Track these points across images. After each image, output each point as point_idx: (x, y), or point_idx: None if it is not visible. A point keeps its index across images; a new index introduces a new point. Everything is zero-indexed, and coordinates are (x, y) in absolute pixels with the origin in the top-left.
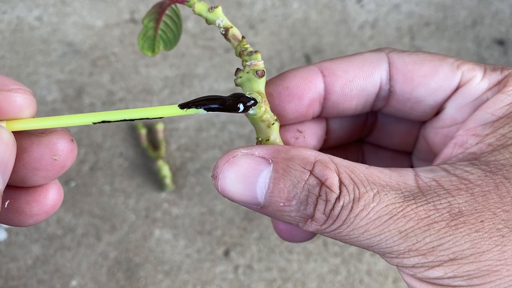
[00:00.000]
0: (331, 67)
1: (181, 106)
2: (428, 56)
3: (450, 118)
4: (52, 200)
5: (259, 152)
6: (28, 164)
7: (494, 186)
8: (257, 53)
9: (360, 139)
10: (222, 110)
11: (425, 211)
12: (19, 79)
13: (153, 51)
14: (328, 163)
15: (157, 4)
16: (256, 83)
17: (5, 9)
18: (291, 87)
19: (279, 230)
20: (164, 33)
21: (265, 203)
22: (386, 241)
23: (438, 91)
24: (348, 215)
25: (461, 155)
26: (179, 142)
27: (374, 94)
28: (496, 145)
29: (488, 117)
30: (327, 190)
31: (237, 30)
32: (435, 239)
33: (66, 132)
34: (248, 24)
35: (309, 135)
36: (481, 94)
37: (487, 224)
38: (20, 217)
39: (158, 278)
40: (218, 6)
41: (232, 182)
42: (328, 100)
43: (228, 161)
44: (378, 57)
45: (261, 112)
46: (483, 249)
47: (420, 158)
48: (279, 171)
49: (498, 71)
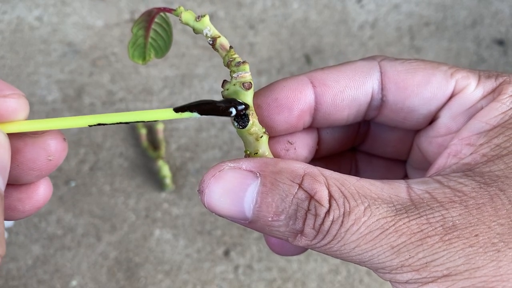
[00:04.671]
0: (321, 77)
1: (175, 109)
2: (421, 64)
3: (444, 127)
4: (43, 195)
5: (247, 166)
6: (23, 164)
7: (488, 199)
8: (245, 64)
9: (353, 148)
10: (215, 114)
11: (417, 225)
12: (19, 79)
13: (144, 59)
14: (317, 176)
15: (145, 12)
16: (243, 95)
17: (5, 9)
18: (280, 98)
19: (270, 244)
20: (155, 41)
21: (253, 218)
22: (378, 256)
23: (431, 100)
24: (338, 230)
25: (455, 166)
26: (179, 142)
27: (366, 104)
28: (491, 156)
29: (483, 126)
30: (316, 204)
31: (225, 39)
32: (428, 254)
33: (58, 132)
34: (248, 24)
35: (300, 146)
36: (476, 103)
37: (482, 239)
38: (12, 214)
39: (158, 278)
40: (205, 15)
41: (219, 197)
42: (318, 110)
43: (215, 175)
44: (369, 66)
45: (249, 125)
46: (478, 264)
47: (414, 166)
48: (267, 185)
49: (493, 78)
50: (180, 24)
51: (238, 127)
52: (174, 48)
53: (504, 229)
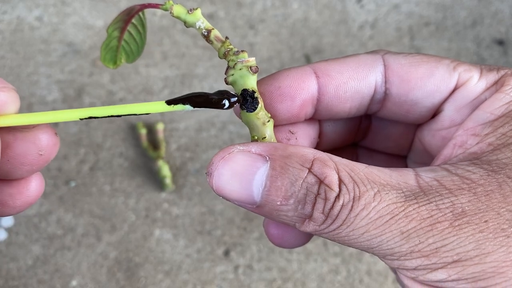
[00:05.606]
0: (325, 68)
1: (168, 102)
2: (424, 58)
3: (449, 119)
4: (34, 191)
5: (256, 149)
6: (13, 159)
7: (497, 186)
8: (244, 52)
9: (354, 143)
10: (207, 106)
11: (427, 211)
12: (19, 79)
13: (115, 63)
14: (327, 160)
15: (125, 10)
16: (249, 79)
17: (5, 9)
18: (283, 87)
19: (270, 235)
20: (127, 44)
21: (262, 202)
22: (387, 242)
23: (435, 93)
24: (348, 215)
25: (461, 155)
26: (179, 142)
27: (369, 96)
28: (497, 144)
29: (487, 117)
30: (326, 188)
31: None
32: (438, 239)
33: (49, 126)
34: (248, 24)
35: (301, 136)
36: (479, 95)
37: (492, 224)
38: (3, 209)
39: (158, 278)
40: (197, 8)
41: (227, 180)
42: (321, 101)
43: (224, 157)
44: (373, 59)
45: (258, 109)
46: (488, 250)
47: (415, 161)
48: (276, 168)
49: (494, 71)
50: (180, 24)
51: (247, 111)
52: (174, 48)
53: None
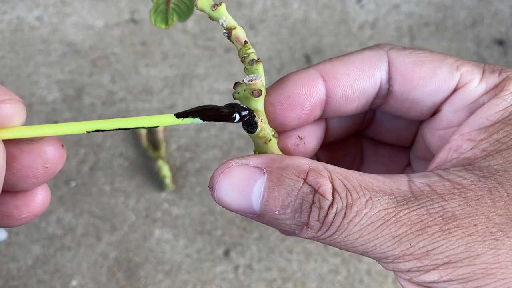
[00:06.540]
0: (331, 70)
1: (177, 115)
2: (428, 56)
3: (446, 120)
4: (40, 203)
5: (254, 162)
6: (19, 172)
7: (487, 191)
8: (258, 63)
9: (358, 133)
10: (218, 119)
11: (417, 216)
12: (19, 79)
13: (167, 23)
14: (321, 170)
15: None
16: (253, 101)
17: (5, 9)
18: (293, 96)
19: None
20: (177, 6)
21: (261, 212)
22: (380, 246)
23: (436, 92)
24: (341, 222)
25: (455, 160)
26: (179, 142)
27: (374, 94)
28: (490, 150)
29: (483, 122)
30: (320, 197)
31: (242, 30)
32: (428, 243)
33: (56, 138)
34: (248, 24)
35: (309, 140)
36: (478, 98)
37: (481, 228)
38: (9, 221)
39: (158, 278)
40: (221, 3)
41: (228, 192)
42: (329, 104)
43: (223, 171)
44: (378, 56)
45: (258, 131)
46: (477, 252)
47: (417, 155)
48: (273, 180)
49: (497, 73)
50: (180, 24)
51: (247, 132)
52: (174, 48)
53: (502, 219)
